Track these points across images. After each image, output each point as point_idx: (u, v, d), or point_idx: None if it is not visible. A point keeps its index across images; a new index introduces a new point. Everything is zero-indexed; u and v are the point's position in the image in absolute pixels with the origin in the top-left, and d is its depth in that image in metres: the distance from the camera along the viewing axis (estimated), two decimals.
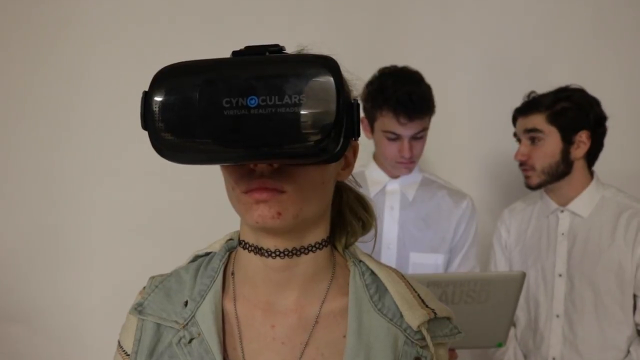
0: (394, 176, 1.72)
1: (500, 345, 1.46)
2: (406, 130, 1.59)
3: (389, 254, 1.69)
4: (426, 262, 1.67)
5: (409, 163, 1.65)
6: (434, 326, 0.74)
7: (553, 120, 1.64)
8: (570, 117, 1.64)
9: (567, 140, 1.64)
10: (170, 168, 1.91)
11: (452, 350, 1.47)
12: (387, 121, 1.59)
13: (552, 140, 1.64)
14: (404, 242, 1.69)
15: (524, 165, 1.69)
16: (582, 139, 1.65)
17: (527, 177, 1.70)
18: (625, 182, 1.99)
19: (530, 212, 1.80)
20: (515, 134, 1.75)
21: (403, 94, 1.55)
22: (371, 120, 1.67)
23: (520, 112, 1.72)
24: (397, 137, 1.61)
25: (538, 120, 1.65)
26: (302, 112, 0.55)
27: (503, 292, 1.39)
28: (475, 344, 1.51)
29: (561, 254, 1.69)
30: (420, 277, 1.37)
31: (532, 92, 1.74)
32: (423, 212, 1.71)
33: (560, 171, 1.66)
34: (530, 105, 1.69)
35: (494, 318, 1.41)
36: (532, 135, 1.66)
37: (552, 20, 2.16)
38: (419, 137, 1.63)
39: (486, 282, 1.39)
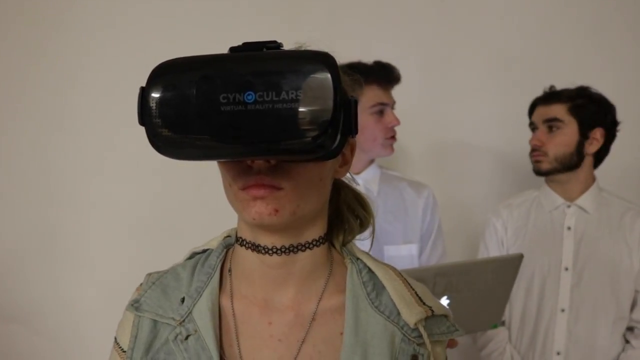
0: (355, 172, 1.72)
1: (495, 326, 1.49)
2: (389, 98, 1.65)
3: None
4: (401, 254, 1.68)
5: (394, 139, 1.67)
6: (431, 324, 0.74)
7: (574, 111, 1.68)
8: (590, 112, 1.69)
9: (584, 134, 1.68)
10: (168, 166, 1.92)
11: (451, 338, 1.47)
12: (371, 94, 1.63)
13: (569, 131, 1.68)
14: (376, 236, 1.69)
15: (537, 151, 1.71)
16: (597, 136, 1.69)
17: (537, 162, 1.72)
18: (622, 179, 2.00)
19: (528, 207, 1.80)
20: (531, 123, 1.77)
21: (378, 64, 1.65)
22: None
23: (541, 101, 1.75)
24: (382, 110, 1.63)
25: (559, 110, 1.69)
26: (299, 108, 0.55)
27: (502, 275, 1.41)
28: (473, 328, 1.52)
29: (568, 248, 1.70)
30: (426, 270, 1.38)
31: (552, 86, 1.78)
32: (389, 204, 1.72)
33: (572, 163, 1.69)
34: (553, 95, 1.72)
35: (491, 301, 1.43)
36: (551, 124, 1.69)
37: (553, 19, 2.15)
38: (393, 107, 1.67)
39: (488, 267, 1.40)
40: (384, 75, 1.63)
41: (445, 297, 1.34)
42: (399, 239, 1.70)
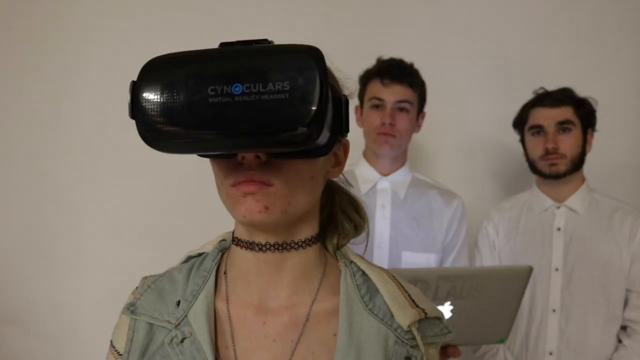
0: (385, 174, 1.72)
1: (501, 341, 1.45)
2: (390, 95, 1.64)
3: (380, 253, 1.68)
4: (418, 262, 1.66)
5: (391, 136, 1.65)
6: (424, 326, 0.74)
7: (579, 113, 1.71)
8: (589, 114, 1.73)
9: (584, 134, 1.73)
10: (164, 169, 1.91)
11: (454, 347, 1.45)
12: (372, 88, 1.66)
13: (577, 133, 1.71)
14: (396, 241, 1.68)
15: (554, 153, 1.70)
16: (589, 137, 1.74)
17: (554, 165, 1.70)
18: (614, 178, 2.02)
19: (519, 210, 1.81)
20: (535, 126, 1.75)
21: (389, 61, 1.67)
22: (361, 100, 1.72)
23: (548, 104, 1.73)
24: (381, 105, 1.64)
25: (569, 112, 1.71)
26: (285, 99, 0.55)
27: (509, 286, 1.38)
28: (478, 340, 1.50)
29: (557, 249, 1.71)
30: (429, 272, 1.38)
31: (541, 87, 1.79)
32: (414, 210, 1.70)
33: (580, 163, 1.73)
34: (561, 98, 1.73)
35: (498, 313, 1.40)
36: (565, 126, 1.70)
37: (548, 20, 2.16)
38: (403, 107, 1.65)
39: (494, 276, 1.38)
40: (385, 71, 1.64)
41: (448, 303, 1.32)
42: (418, 247, 1.68)
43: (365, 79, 1.70)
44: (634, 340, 1.62)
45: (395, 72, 1.64)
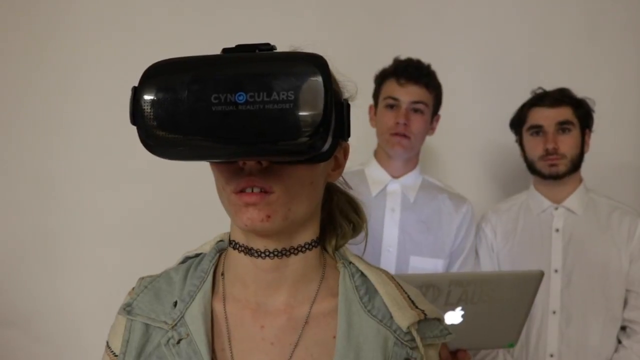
0: (396, 176, 1.71)
1: (511, 345, 1.44)
2: (405, 95, 1.63)
3: (388, 257, 1.66)
4: (426, 267, 1.65)
5: (404, 137, 1.63)
6: (423, 327, 0.74)
7: (578, 113, 1.71)
8: (588, 114, 1.74)
9: (583, 134, 1.73)
10: (164, 171, 1.91)
11: (464, 351, 1.43)
12: (388, 87, 1.65)
13: (577, 133, 1.72)
14: (405, 245, 1.67)
15: (554, 154, 1.69)
16: (587, 138, 1.74)
17: (554, 165, 1.70)
18: (614, 179, 2.02)
19: (517, 211, 1.81)
20: (533, 127, 1.74)
21: (407, 61, 1.67)
22: (376, 100, 1.71)
23: (547, 104, 1.73)
24: (396, 105, 1.64)
25: (568, 112, 1.71)
26: (290, 109, 0.55)
27: (520, 291, 1.37)
28: (488, 344, 1.49)
29: (556, 250, 1.71)
30: (442, 277, 1.37)
31: (539, 87, 1.79)
32: (424, 214, 1.69)
33: (580, 163, 1.73)
34: (560, 98, 1.73)
35: (508, 317, 1.39)
36: (564, 127, 1.71)
37: (547, 20, 2.16)
38: (418, 109, 1.64)
39: (506, 281, 1.37)
40: (401, 70, 1.64)
41: (459, 308, 1.31)
42: (426, 252, 1.66)
43: (381, 78, 1.70)
44: (634, 341, 1.62)
45: (412, 72, 1.63)
